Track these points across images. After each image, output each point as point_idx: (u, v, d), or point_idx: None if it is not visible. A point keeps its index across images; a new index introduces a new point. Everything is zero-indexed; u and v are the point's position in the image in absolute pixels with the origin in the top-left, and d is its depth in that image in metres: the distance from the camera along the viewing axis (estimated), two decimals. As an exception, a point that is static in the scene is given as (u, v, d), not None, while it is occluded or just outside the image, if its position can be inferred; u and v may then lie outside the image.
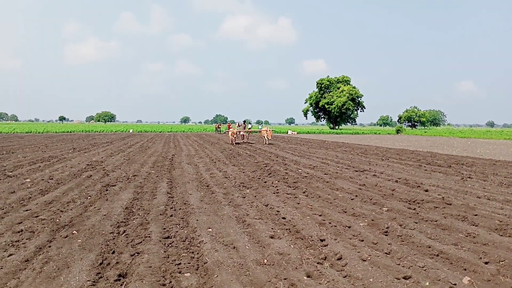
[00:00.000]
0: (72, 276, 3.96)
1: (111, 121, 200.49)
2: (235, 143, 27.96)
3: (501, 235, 5.63)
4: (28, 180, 9.70)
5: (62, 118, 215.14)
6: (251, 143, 29.38)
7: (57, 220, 5.99)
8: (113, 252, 4.68)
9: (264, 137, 29.45)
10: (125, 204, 7.26)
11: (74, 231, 5.47)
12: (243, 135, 31.56)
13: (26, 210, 6.60)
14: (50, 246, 4.87)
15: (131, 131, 62.01)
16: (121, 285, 3.82)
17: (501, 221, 6.25)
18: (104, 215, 6.40)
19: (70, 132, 54.51)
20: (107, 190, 8.66)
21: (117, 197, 7.92)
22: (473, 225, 6.17)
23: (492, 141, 39.70)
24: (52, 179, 9.95)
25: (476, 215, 6.72)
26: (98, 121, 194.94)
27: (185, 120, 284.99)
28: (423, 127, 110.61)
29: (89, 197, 7.82)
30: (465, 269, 4.35)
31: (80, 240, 5.09)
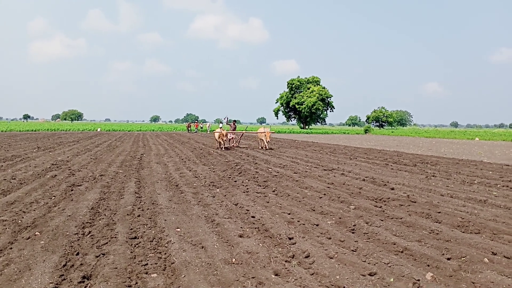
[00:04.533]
0: (34, 278, 3.83)
1: (78, 120, 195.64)
2: (223, 147, 21.97)
3: (463, 232, 5.82)
4: (-12, 180, 9.33)
5: (26, 116, 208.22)
6: (241, 147, 24.49)
7: (19, 221, 5.79)
8: (78, 254, 4.56)
9: (261, 140, 23.59)
10: (91, 204, 7.09)
11: (37, 232, 5.30)
12: (232, 138, 24.52)
13: (-14, 211, 6.35)
14: (11, 248, 4.70)
15: (99, 130, 60.73)
16: (85, 286, 3.73)
17: (463, 218, 6.46)
18: (69, 215, 6.23)
19: (35, 130, 52.89)
20: (72, 190, 8.44)
21: (82, 197, 7.73)
22: (437, 222, 6.35)
23: (455, 141, 41.00)
24: (14, 179, 9.62)
25: (439, 212, 6.91)
26: (65, 119, 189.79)
27: (155, 119, 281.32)
28: (390, 127, 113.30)
29: (53, 198, 7.59)
30: (428, 265, 4.47)
31: (43, 242, 4.94)
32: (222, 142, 21.61)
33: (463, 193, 8.83)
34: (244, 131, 26.90)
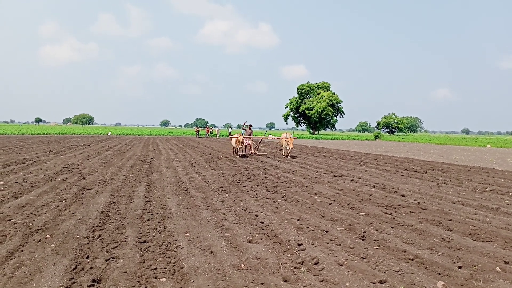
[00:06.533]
0: (44, 281, 3.86)
1: (89, 124, 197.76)
2: (240, 155, 20.16)
3: (475, 240, 5.75)
4: (1, 182, 9.44)
5: (38, 120, 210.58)
6: (259, 154, 22.24)
7: (30, 224, 5.85)
8: (88, 257, 4.58)
9: (283, 147, 21.37)
10: (101, 208, 7.13)
11: (48, 235, 5.35)
12: (249, 144, 21.89)
13: (-2, 214, 6.42)
14: (22, 251, 4.74)
15: (109, 133, 61.16)
16: (95, 290, 3.75)
17: (474, 226, 6.39)
18: (79, 219, 6.27)
19: (47, 134, 53.43)
20: (83, 193, 8.50)
21: (93, 200, 7.79)
22: (448, 230, 6.28)
23: (467, 148, 40.61)
24: (26, 181, 9.72)
25: (450, 220, 6.84)
26: (76, 123, 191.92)
27: (165, 123, 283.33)
28: (401, 133, 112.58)
29: (64, 201, 7.66)
30: (439, 274, 4.42)
31: (53, 245, 4.97)
32: (239, 149, 19.84)
33: (475, 201, 8.73)
34: (263, 137, 24.38)
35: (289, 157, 20.55)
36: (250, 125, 22.92)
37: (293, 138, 21.04)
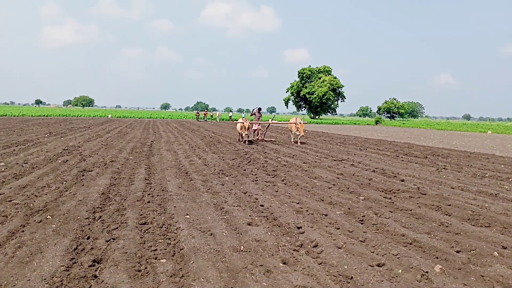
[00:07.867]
0: (45, 261, 3.89)
1: (89, 106, 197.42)
2: (247, 141, 18.35)
3: (473, 225, 5.78)
4: (1, 163, 9.46)
5: (38, 102, 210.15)
6: (266, 140, 20.78)
7: (31, 205, 5.88)
8: (88, 238, 4.61)
9: (292, 133, 19.77)
10: (102, 189, 7.15)
11: (49, 216, 5.37)
12: (257, 129, 20.79)
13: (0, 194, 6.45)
14: (23, 231, 4.77)
15: (109, 116, 61.09)
16: (96, 270, 3.78)
17: (473, 211, 6.41)
18: (80, 200, 6.30)
19: (47, 116, 53.38)
20: (83, 175, 8.52)
21: (93, 182, 7.81)
22: (446, 214, 6.31)
23: (467, 134, 40.56)
24: (27, 163, 9.73)
25: (449, 205, 6.87)
26: (76, 105, 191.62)
27: (165, 106, 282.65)
28: (402, 119, 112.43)
29: (64, 182, 7.68)
30: (437, 258, 4.45)
31: (54, 225, 5.00)
32: (244, 135, 18.19)
33: (474, 186, 8.75)
34: (270, 121, 22.39)
35: (299, 143, 19.24)
36: (259, 108, 21.26)
37: (304, 123, 19.42)
